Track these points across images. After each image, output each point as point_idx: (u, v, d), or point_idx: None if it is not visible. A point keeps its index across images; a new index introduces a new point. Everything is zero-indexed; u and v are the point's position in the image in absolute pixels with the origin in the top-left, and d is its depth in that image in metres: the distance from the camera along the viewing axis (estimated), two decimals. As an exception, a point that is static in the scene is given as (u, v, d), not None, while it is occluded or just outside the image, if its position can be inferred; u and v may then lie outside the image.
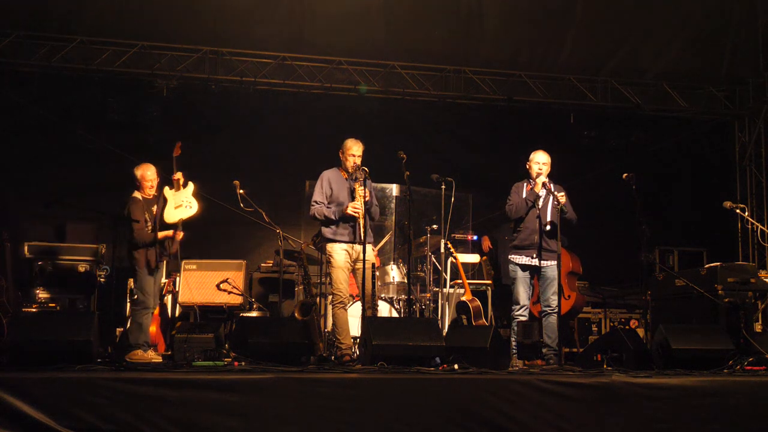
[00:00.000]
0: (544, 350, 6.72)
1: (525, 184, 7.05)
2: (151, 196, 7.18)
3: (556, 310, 6.70)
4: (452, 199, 7.42)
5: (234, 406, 4.49)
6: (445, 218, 7.48)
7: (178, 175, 7.10)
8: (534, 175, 6.94)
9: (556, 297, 6.66)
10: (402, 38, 9.67)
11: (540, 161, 6.97)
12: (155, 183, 7.19)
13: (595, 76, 10.39)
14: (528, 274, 6.95)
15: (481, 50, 9.89)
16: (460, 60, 10.11)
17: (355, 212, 6.59)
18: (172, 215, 7.04)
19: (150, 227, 7.04)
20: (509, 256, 7.04)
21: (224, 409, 4.48)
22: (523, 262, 6.92)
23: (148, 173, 7.18)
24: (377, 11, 9.14)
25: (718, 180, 10.80)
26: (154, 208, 7.11)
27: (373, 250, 7.56)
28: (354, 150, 6.73)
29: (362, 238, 6.57)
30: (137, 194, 7.15)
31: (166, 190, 7.12)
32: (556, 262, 6.62)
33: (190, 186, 7.15)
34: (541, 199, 6.95)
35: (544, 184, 6.87)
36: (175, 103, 9.77)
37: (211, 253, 9.09)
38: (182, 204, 7.05)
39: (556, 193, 6.75)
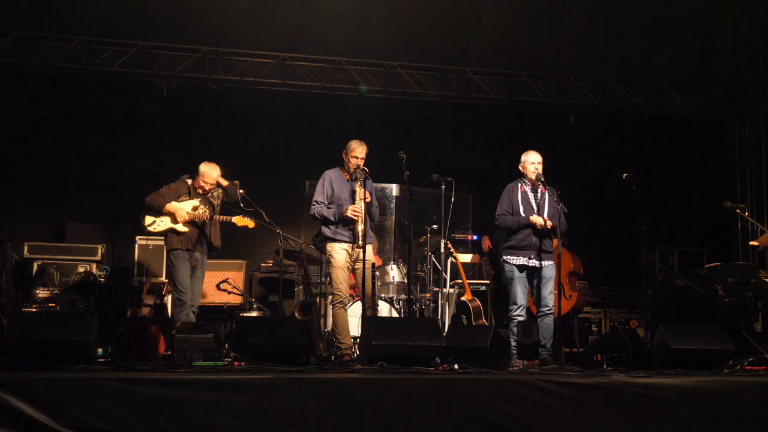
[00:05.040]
0: (540, 350, 6.73)
1: (519, 184, 7.06)
2: (201, 192, 7.32)
3: (552, 311, 6.70)
4: (452, 199, 7.42)
5: (234, 406, 4.49)
6: (445, 218, 7.48)
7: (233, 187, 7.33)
8: (533, 175, 6.96)
9: (552, 297, 6.66)
10: (402, 38, 9.66)
11: (536, 161, 7.01)
12: (208, 187, 7.31)
13: (595, 76, 10.39)
14: (525, 275, 6.95)
15: (481, 50, 9.89)
16: (460, 60, 10.10)
17: (354, 215, 6.59)
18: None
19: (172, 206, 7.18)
20: (504, 257, 7.02)
21: (224, 409, 4.47)
22: (521, 263, 6.91)
23: (211, 173, 7.29)
24: (377, 11, 9.14)
25: (718, 180, 10.79)
26: (197, 201, 7.24)
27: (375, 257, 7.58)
28: (358, 152, 6.74)
29: (362, 239, 6.57)
30: (189, 180, 7.32)
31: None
32: (553, 262, 6.62)
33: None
34: (535, 200, 6.97)
35: (544, 183, 6.92)
36: (175, 103, 9.76)
37: (211, 253, 9.08)
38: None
39: (554, 205, 6.79)
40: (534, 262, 6.88)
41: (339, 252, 6.72)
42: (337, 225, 6.72)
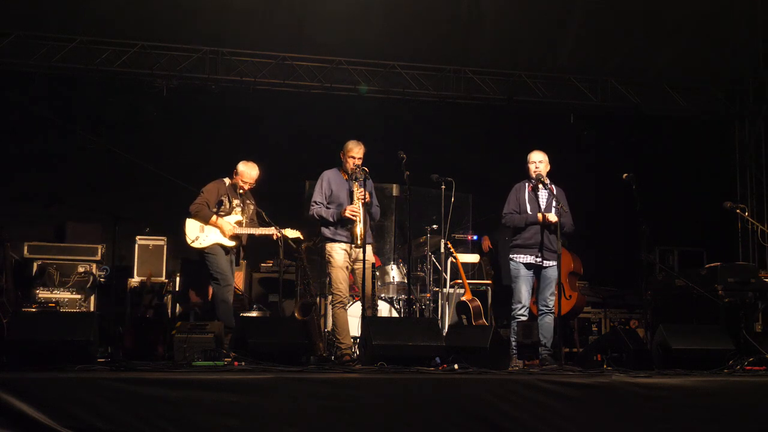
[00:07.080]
0: (540, 349, 6.73)
1: (526, 184, 7.08)
2: (242, 191, 7.36)
3: (552, 310, 6.71)
4: (452, 199, 7.42)
5: (234, 406, 4.49)
6: (445, 218, 7.48)
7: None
8: (533, 174, 6.98)
9: (553, 297, 6.67)
10: (402, 38, 9.66)
11: (536, 160, 7.03)
12: (247, 186, 7.35)
13: (595, 76, 10.39)
14: (531, 273, 6.96)
15: (481, 50, 9.89)
16: (460, 60, 10.10)
17: (352, 215, 6.59)
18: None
19: (217, 210, 7.21)
20: (511, 255, 7.04)
21: (224, 409, 4.48)
22: (527, 261, 6.93)
23: (249, 172, 7.30)
24: (377, 11, 9.14)
25: (718, 180, 10.78)
26: (236, 201, 7.28)
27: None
28: (355, 152, 6.74)
29: (362, 239, 6.57)
30: (227, 179, 7.32)
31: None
32: (556, 263, 6.63)
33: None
34: (544, 200, 6.97)
35: (543, 183, 6.93)
36: (175, 103, 9.76)
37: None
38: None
39: (554, 204, 6.81)
40: (539, 261, 6.89)
41: (338, 252, 6.72)
42: (337, 225, 6.73)
